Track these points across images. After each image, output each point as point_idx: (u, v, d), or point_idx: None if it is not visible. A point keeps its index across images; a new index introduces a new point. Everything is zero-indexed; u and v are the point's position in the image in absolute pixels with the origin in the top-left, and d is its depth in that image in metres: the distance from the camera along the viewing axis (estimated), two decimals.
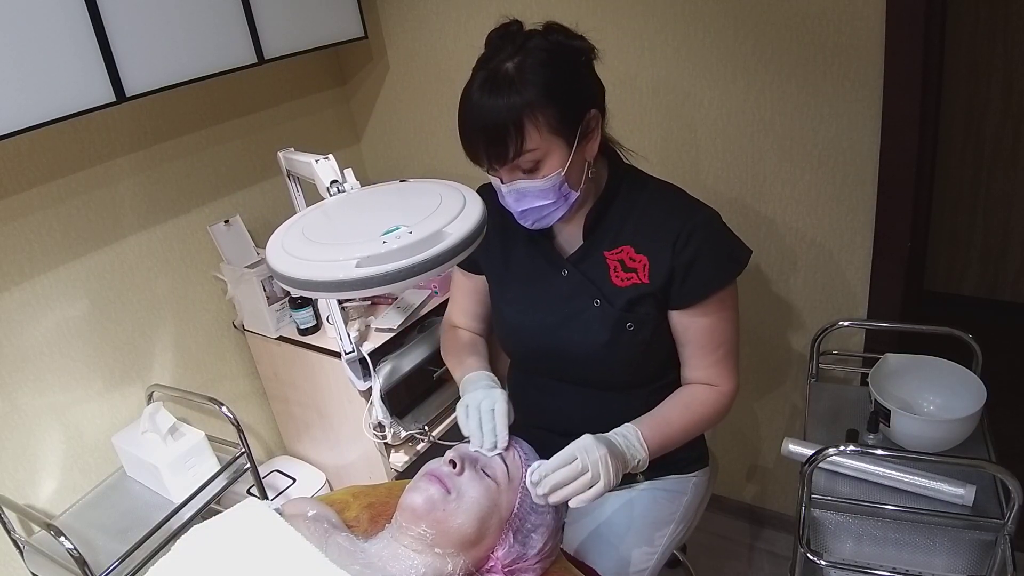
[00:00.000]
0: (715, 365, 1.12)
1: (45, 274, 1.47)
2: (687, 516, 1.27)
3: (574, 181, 1.03)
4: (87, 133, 1.51)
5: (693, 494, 1.28)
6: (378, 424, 1.64)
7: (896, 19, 1.29)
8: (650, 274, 1.07)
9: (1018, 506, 0.99)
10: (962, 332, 1.34)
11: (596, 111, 1.02)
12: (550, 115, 0.96)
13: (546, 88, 0.95)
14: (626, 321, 1.08)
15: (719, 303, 1.09)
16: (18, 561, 1.46)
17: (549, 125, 0.96)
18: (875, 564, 1.08)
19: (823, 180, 1.50)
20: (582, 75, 1.02)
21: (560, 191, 1.02)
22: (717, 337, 1.10)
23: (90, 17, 1.26)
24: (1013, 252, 2.66)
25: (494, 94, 0.95)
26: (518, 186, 1.01)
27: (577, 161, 1.01)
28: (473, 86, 0.99)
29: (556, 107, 0.96)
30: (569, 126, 0.98)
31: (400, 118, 2.07)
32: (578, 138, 1.00)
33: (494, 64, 0.98)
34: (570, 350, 1.13)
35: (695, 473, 1.28)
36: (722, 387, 1.13)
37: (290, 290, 1.07)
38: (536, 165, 0.99)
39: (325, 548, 0.86)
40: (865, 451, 1.18)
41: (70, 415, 1.54)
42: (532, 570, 0.93)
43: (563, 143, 0.98)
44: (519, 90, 0.94)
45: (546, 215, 1.05)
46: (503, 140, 0.96)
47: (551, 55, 0.97)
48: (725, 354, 1.12)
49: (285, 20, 1.64)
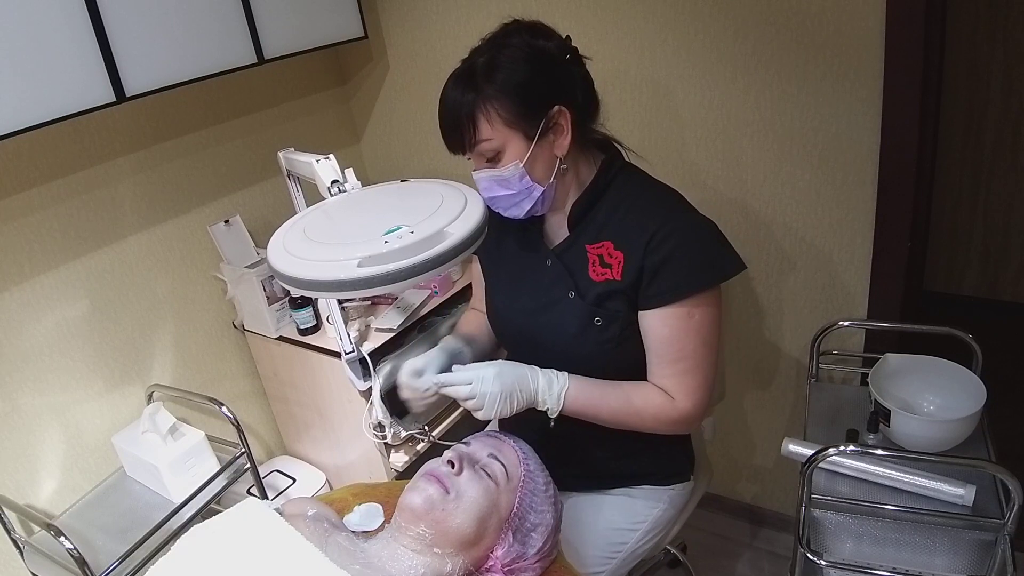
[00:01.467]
0: (672, 377, 1.07)
1: (45, 274, 1.47)
2: (656, 528, 1.25)
3: (540, 175, 1.06)
4: (87, 133, 1.51)
5: (667, 507, 1.26)
6: (378, 424, 1.64)
7: (896, 19, 1.29)
8: (623, 271, 1.07)
9: (1018, 506, 0.99)
10: (962, 332, 1.34)
11: (562, 108, 1.03)
12: (504, 109, 1.00)
13: (503, 84, 1.00)
14: (594, 316, 1.09)
15: (685, 314, 1.04)
16: (18, 561, 1.46)
17: (502, 118, 1.00)
18: (875, 564, 1.08)
19: (823, 180, 1.50)
20: (548, 73, 1.03)
21: (522, 183, 1.05)
22: (677, 349, 1.06)
23: (90, 17, 1.26)
24: (1013, 252, 2.66)
25: (456, 87, 1.02)
26: (482, 174, 1.06)
27: (541, 155, 1.04)
28: (449, 78, 1.05)
29: (511, 102, 1.00)
30: (527, 121, 1.01)
31: (400, 118, 2.07)
32: (540, 132, 1.02)
33: (470, 59, 1.04)
34: (545, 338, 1.15)
35: (672, 487, 1.27)
36: (677, 401, 1.07)
37: (291, 290, 1.07)
38: (496, 155, 1.03)
39: (325, 548, 0.86)
40: (865, 451, 1.18)
41: (70, 415, 1.54)
42: (531, 569, 0.93)
43: (521, 136, 1.02)
44: (477, 85, 1.00)
45: (513, 205, 1.08)
46: (458, 130, 1.02)
47: (517, 52, 1.02)
48: (685, 369, 1.06)
49: (285, 20, 1.64)
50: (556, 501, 0.99)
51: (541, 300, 1.14)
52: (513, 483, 0.94)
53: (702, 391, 1.08)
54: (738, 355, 1.79)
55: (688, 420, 1.09)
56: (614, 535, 1.22)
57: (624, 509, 1.24)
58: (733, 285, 1.70)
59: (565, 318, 1.11)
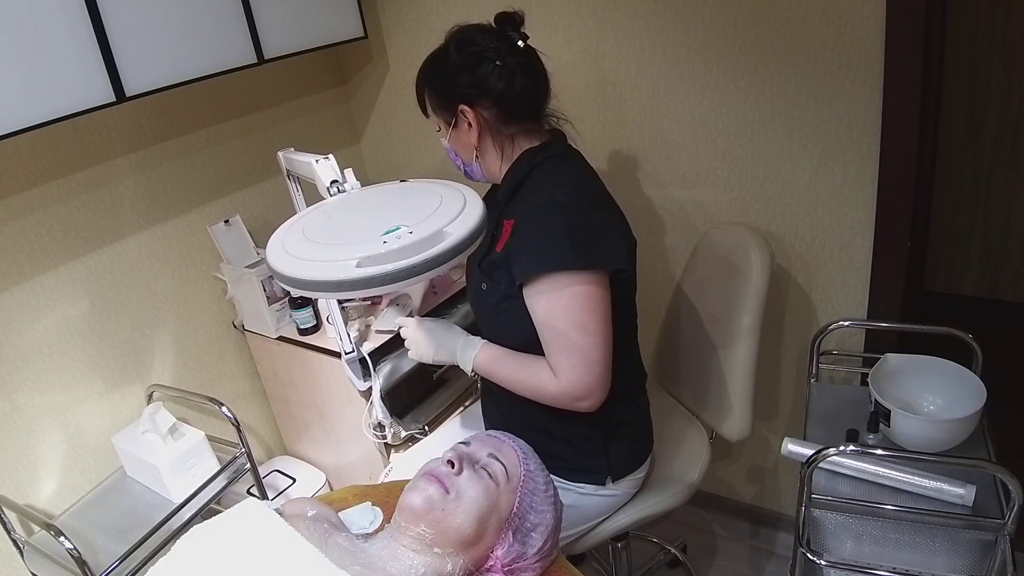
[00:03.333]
0: (552, 356, 1.13)
1: (45, 274, 1.47)
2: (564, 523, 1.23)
3: (464, 155, 1.25)
4: (87, 133, 1.51)
5: (570, 503, 1.25)
6: (378, 424, 1.64)
7: (896, 19, 1.29)
8: (504, 247, 1.18)
9: (1018, 506, 0.99)
10: (962, 332, 1.34)
11: (467, 108, 1.18)
12: (429, 98, 1.24)
13: (427, 78, 1.23)
14: (481, 281, 1.23)
15: (552, 296, 1.10)
16: (18, 561, 1.46)
17: (431, 102, 1.24)
18: (875, 564, 1.08)
19: (823, 180, 1.50)
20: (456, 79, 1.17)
21: (455, 155, 1.27)
22: (549, 329, 1.12)
23: (90, 17, 1.26)
24: (1013, 252, 2.66)
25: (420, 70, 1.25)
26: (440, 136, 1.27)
27: (459, 140, 1.23)
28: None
29: (432, 94, 1.23)
30: (443, 111, 1.22)
31: (400, 118, 2.07)
32: (454, 124, 1.21)
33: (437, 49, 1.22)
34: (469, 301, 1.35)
35: (580, 485, 1.27)
36: (557, 379, 1.13)
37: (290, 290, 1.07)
38: (440, 129, 1.25)
39: (325, 548, 0.86)
40: (865, 451, 1.18)
41: (70, 415, 1.54)
42: (532, 569, 0.93)
43: (443, 123, 1.23)
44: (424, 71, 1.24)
45: (459, 169, 1.29)
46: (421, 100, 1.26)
47: (435, 53, 1.22)
48: (558, 350, 1.12)
49: (285, 20, 1.64)
50: (556, 501, 0.99)
51: (471, 264, 1.29)
52: (513, 483, 0.94)
53: (578, 371, 1.11)
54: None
55: (568, 397, 1.14)
56: None
57: None
58: None
59: (471, 283, 1.29)
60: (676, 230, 1.74)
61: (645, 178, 1.73)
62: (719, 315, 1.46)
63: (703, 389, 1.51)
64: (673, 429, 1.53)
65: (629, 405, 1.29)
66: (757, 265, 1.37)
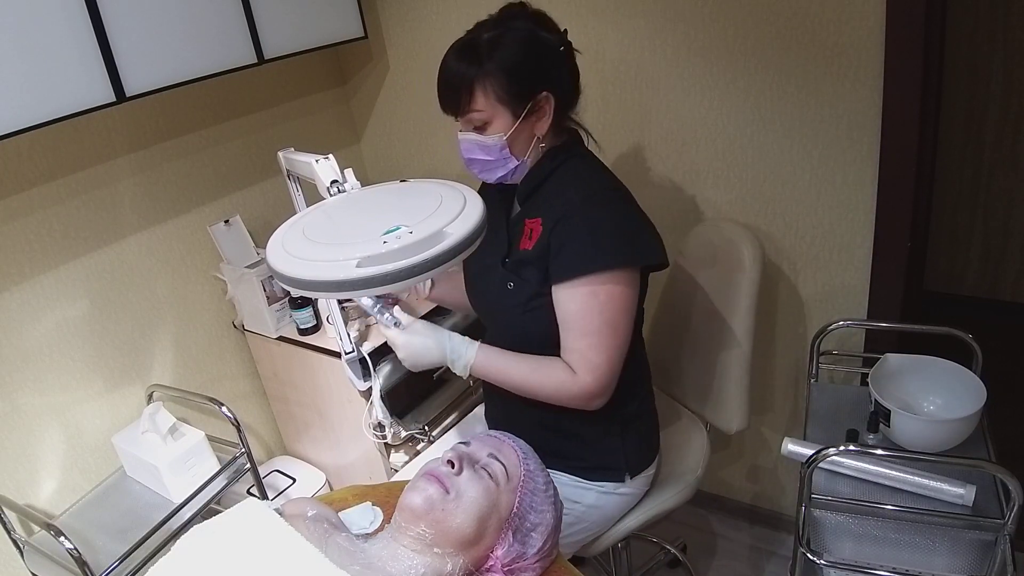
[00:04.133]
0: (577, 352, 1.13)
1: (45, 274, 1.47)
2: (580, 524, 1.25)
3: (518, 149, 1.16)
4: (87, 133, 1.51)
5: (591, 506, 1.26)
6: (378, 424, 1.64)
7: (896, 19, 1.29)
8: (536, 245, 1.16)
9: (1018, 506, 0.99)
10: (962, 332, 1.34)
11: (548, 94, 1.13)
12: (499, 86, 1.10)
13: (502, 63, 1.09)
14: (507, 280, 1.20)
15: (589, 292, 1.10)
16: (18, 561, 1.46)
17: (496, 94, 1.10)
18: (875, 564, 1.08)
19: (823, 180, 1.50)
20: (543, 61, 1.12)
21: (501, 153, 1.15)
22: (582, 326, 1.12)
23: (90, 17, 1.26)
24: (1013, 252, 2.66)
25: (461, 58, 1.12)
26: (467, 137, 1.16)
27: (523, 132, 1.14)
28: (452, 47, 1.14)
29: (505, 80, 1.10)
30: (516, 100, 1.11)
31: (400, 118, 2.07)
32: (525, 113, 1.12)
33: (477, 32, 1.13)
34: (478, 300, 1.31)
35: (601, 484, 1.27)
36: (579, 376, 1.13)
37: (290, 290, 1.07)
38: (484, 125, 1.13)
39: (325, 548, 0.86)
40: (865, 451, 1.18)
41: (70, 415, 1.54)
42: (532, 569, 0.93)
43: (508, 113, 1.12)
44: (480, 60, 1.10)
45: (488, 170, 1.18)
46: (456, 96, 1.12)
47: (519, 36, 1.11)
48: (589, 346, 1.12)
49: (285, 20, 1.64)
50: (556, 501, 0.99)
51: (484, 264, 1.25)
52: (513, 483, 0.94)
53: (604, 369, 1.13)
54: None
55: (588, 396, 1.15)
56: None
57: None
58: None
59: (489, 282, 1.24)
60: (676, 230, 1.74)
61: (645, 178, 1.73)
62: (714, 309, 1.47)
63: (700, 384, 1.52)
64: (670, 425, 1.53)
65: (641, 400, 1.30)
66: (749, 257, 1.40)
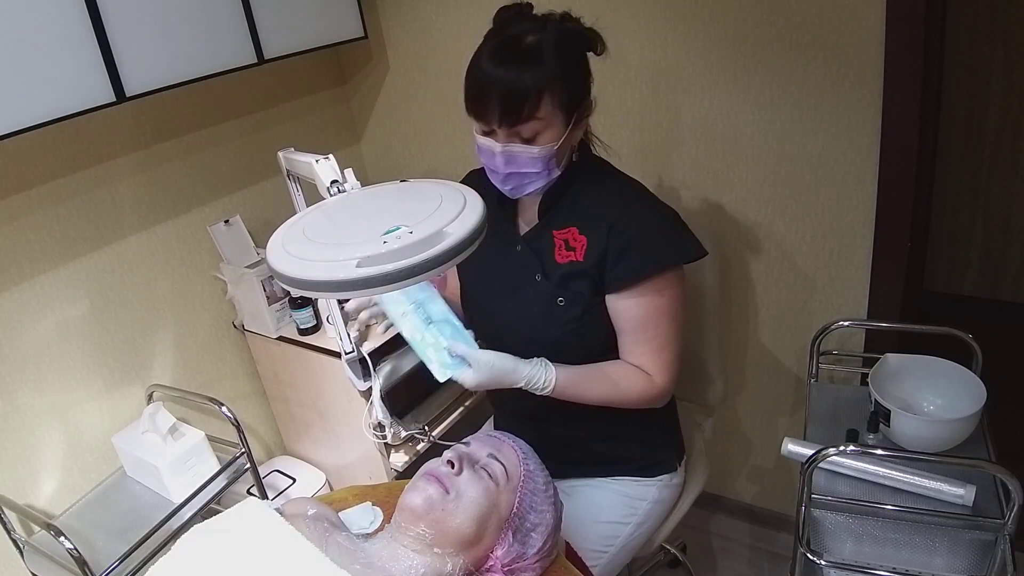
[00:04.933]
0: (648, 355, 1.13)
1: (45, 274, 1.47)
2: (647, 521, 1.27)
3: (559, 159, 1.11)
4: (87, 133, 1.51)
5: (656, 499, 1.28)
6: (378, 424, 1.64)
7: (896, 19, 1.29)
8: (586, 254, 1.12)
9: (1018, 506, 0.99)
10: (962, 332, 1.34)
11: (591, 100, 1.11)
12: (562, 92, 1.04)
13: (563, 67, 1.03)
14: (557, 296, 1.14)
15: (655, 293, 1.10)
16: (18, 561, 1.46)
17: (559, 101, 1.04)
18: (875, 564, 1.08)
19: (823, 180, 1.50)
20: (586, 65, 1.09)
21: (548, 163, 1.08)
22: (651, 328, 1.12)
23: (90, 17, 1.26)
24: (1013, 252, 2.66)
25: (517, 62, 1.01)
26: (513, 149, 1.07)
27: (567, 141, 1.09)
28: (487, 52, 1.05)
29: (567, 87, 1.04)
30: (571, 107, 1.06)
31: (400, 118, 2.07)
32: (574, 120, 1.08)
33: (512, 34, 1.04)
34: (511, 322, 1.20)
35: (659, 477, 1.29)
36: (655, 379, 1.14)
37: (290, 290, 1.07)
38: (535, 135, 1.05)
39: (325, 548, 0.86)
40: (865, 451, 1.18)
41: (70, 415, 1.54)
42: (532, 569, 0.93)
43: (563, 120, 1.06)
44: (541, 63, 1.01)
45: (527, 183, 1.11)
46: (519, 105, 1.02)
47: (569, 39, 1.06)
48: (659, 347, 1.13)
49: (285, 20, 1.64)
50: (556, 501, 0.99)
51: (510, 284, 1.19)
52: (513, 483, 0.94)
53: (675, 365, 1.15)
54: (738, 355, 1.79)
55: (665, 394, 1.17)
56: (606, 528, 1.24)
57: (615, 502, 1.26)
58: (733, 285, 1.70)
59: (530, 300, 1.17)
60: None
61: (644, 179, 1.72)
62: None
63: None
64: None
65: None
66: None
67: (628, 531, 1.25)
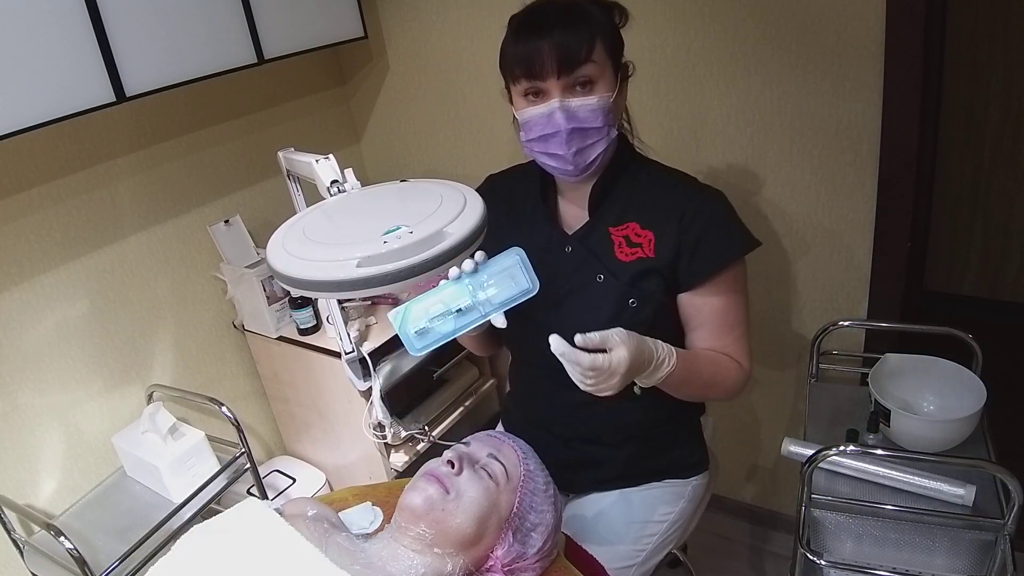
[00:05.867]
0: (734, 343, 1.12)
1: (45, 274, 1.47)
2: (682, 520, 1.27)
3: (613, 118, 1.06)
4: (87, 133, 1.51)
5: (690, 499, 1.28)
6: (378, 424, 1.64)
7: (896, 19, 1.29)
8: (656, 249, 1.07)
9: (1018, 506, 0.99)
10: (962, 332, 1.34)
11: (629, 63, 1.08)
12: (610, 42, 1.02)
13: (607, 19, 1.04)
14: (629, 296, 1.07)
15: (732, 281, 1.09)
16: (18, 561, 1.46)
17: (608, 50, 1.02)
18: (875, 564, 1.08)
19: (823, 180, 1.50)
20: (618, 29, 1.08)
21: (607, 118, 1.03)
22: (732, 317, 1.10)
23: (90, 17, 1.26)
24: (1013, 252, 2.66)
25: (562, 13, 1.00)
26: (572, 103, 1.01)
27: (619, 98, 1.06)
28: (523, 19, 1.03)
29: (612, 37, 1.04)
30: (617, 61, 1.05)
31: (400, 118, 2.07)
32: (621, 77, 1.06)
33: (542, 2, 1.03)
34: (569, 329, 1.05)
35: (694, 478, 1.29)
36: (743, 366, 1.12)
37: (290, 290, 1.07)
38: (590, 84, 1.01)
39: (325, 548, 0.86)
40: (865, 451, 1.18)
41: (70, 415, 1.54)
42: (532, 569, 0.93)
43: (613, 73, 1.04)
44: (588, 12, 1.01)
45: (589, 145, 1.03)
46: (577, 45, 0.98)
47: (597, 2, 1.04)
48: (741, 335, 1.12)
49: (285, 20, 1.64)
50: (556, 501, 0.99)
51: (565, 287, 1.11)
52: (513, 483, 0.94)
53: (750, 352, 1.14)
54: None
55: (750, 379, 1.15)
56: (644, 528, 1.24)
57: (652, 503, 1.25)
58: None
59: (596, 302, 1.09)
60: None
61: None
62: None
63: None
64: None
65: None
66: None
67: (663, 529, 1.25)
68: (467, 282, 0.90)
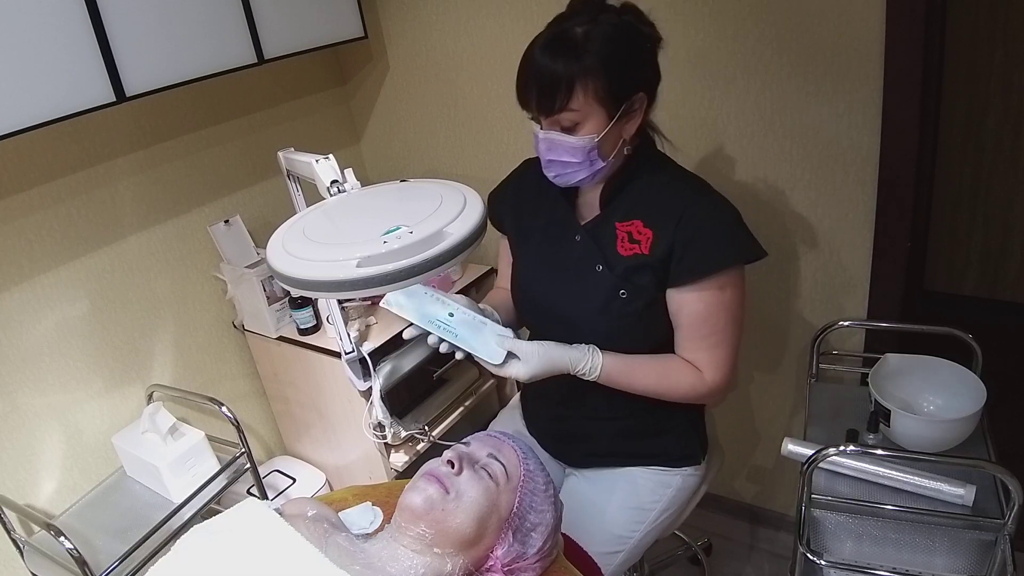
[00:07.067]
0: (703, 351, 1.13)
1: (45, 274, 1.47)
2: (669, 509, 1.28)
3: (606, 151, 1.09)
4: (87, 133, 1.51)
5: (679, 488, 1.29)
6: (378, 424, 1.64)
7: (896, 19, 1.29)
8: (652, 247, 1.11)
9: (1018, 506, 0.99)
10: (962, 332, 1.34)
11: (643, 95, 1.08)
12: (599, 85, 1.02)
13: (604, 60, 1.02)
14: (620, 288, 1.13)
15: (717, 290, 1.10)
16: (18, 561, 1.46)
17: (595, 94, 1.03)
18: (875, 564, 1.08)
19: (823, 180, 1.50)
20: (640, 59, 1.08)
21: (588, 155, 1.07)
22: (709, 324, 1.11)
23: (90, 17, 1.26)
24: (1013, 252, 2.66)
25: (557, 53, 1.02)
26: (552, 136, 1.07)
27: (613, 134, 1.08)
28: (540, 40, 1.05)
29: (606, 80, 1.02)
30: (614, 101, 1.05)
31: (400, 118, 2.07)
32: (620, 114, 1.06)
33: (566, 26, 1.04)
34: (569, 312, 1.19)
35: (684, 469, 1.30)
36: (705, 374, 1.13)
37: (290, 290, 1.07)
38: (574, 126, 1.05)
39: (325, 548, 0.86)
40: (865, 451, 1.18)
41: (70, 415, 1.54)
42: (532, 569, 0.93)
43: (604, 113, 1.05)
44: (579, 55, 1.01)
45: (568, 172, 1.10)
46: (552, 95, 1.03)
47: (618, 32, 1.04)
48: (716, 343, 1.12)
49: (285, 20, 1.64)
50: (556, 501, 0.99)
51: (568, 273, 1.18)
52: (513, 483, 0.94)
53: (729, 364, 1.14)
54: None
55: (717, 392, 1.15)
56: (630, 514, 1.26)
57: (638, 490, 1.27)
58: None
59: (590, 291, 1.16)
60: None
61: None
62: None
63: None
64: None
65: None
66: None
67: (651, 518, 1.27)
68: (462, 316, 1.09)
